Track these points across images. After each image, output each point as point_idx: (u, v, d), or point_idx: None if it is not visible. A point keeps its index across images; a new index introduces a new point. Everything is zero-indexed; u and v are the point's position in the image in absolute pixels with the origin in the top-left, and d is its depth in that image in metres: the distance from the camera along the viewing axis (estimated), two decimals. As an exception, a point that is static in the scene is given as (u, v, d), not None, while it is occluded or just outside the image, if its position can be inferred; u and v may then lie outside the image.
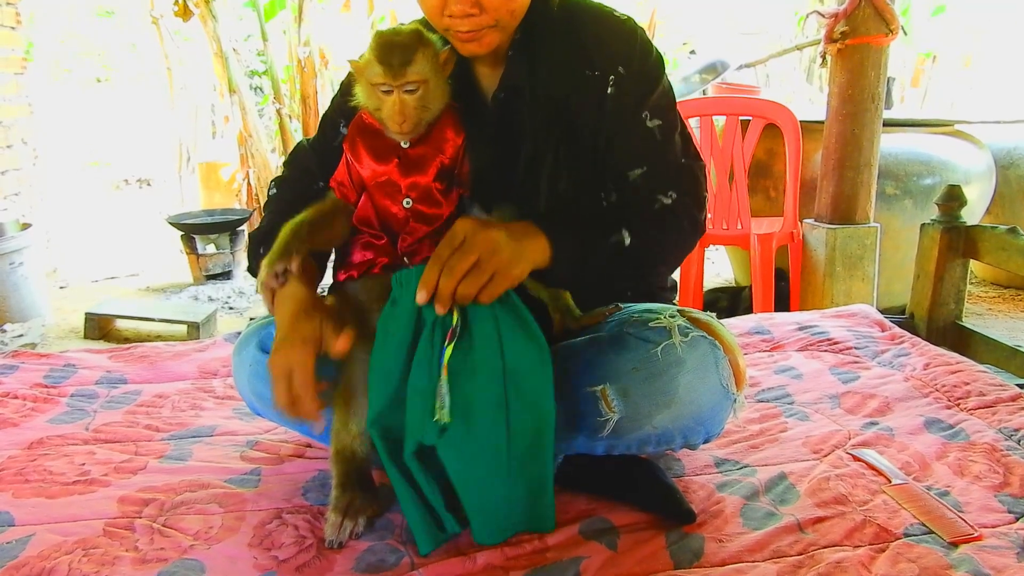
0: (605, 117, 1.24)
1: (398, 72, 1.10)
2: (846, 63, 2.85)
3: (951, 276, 2.13)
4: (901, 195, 3.27)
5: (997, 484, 1.30)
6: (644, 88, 1.25)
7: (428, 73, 1.12)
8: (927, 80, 7.86)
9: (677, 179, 1.26)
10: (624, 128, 1.24)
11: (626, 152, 1.25)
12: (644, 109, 1.24)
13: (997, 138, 3.82)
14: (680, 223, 1.26)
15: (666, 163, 1.26)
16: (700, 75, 4.24)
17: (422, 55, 1.11)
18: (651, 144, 1.25)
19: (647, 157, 1.25)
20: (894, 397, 1.63)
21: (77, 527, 1.20)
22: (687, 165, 1.28)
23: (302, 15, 5.30)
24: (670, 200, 1.23)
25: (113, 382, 1.77)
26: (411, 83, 1.11)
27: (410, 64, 1.10)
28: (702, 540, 1.17)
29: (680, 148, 1.28)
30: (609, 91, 1.24)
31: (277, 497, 1.30)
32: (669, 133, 1.26)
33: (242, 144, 5.19)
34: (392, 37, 1.12)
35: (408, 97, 1.11)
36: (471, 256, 1.05)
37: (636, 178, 1.24)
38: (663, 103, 1.27)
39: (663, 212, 1.23)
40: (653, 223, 1.23)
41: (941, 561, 1.11)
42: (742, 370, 1.24)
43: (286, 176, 1.38)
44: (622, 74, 1.23)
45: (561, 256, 1.14)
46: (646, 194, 1.24)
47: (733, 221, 3.13)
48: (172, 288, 4.24)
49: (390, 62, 1.10)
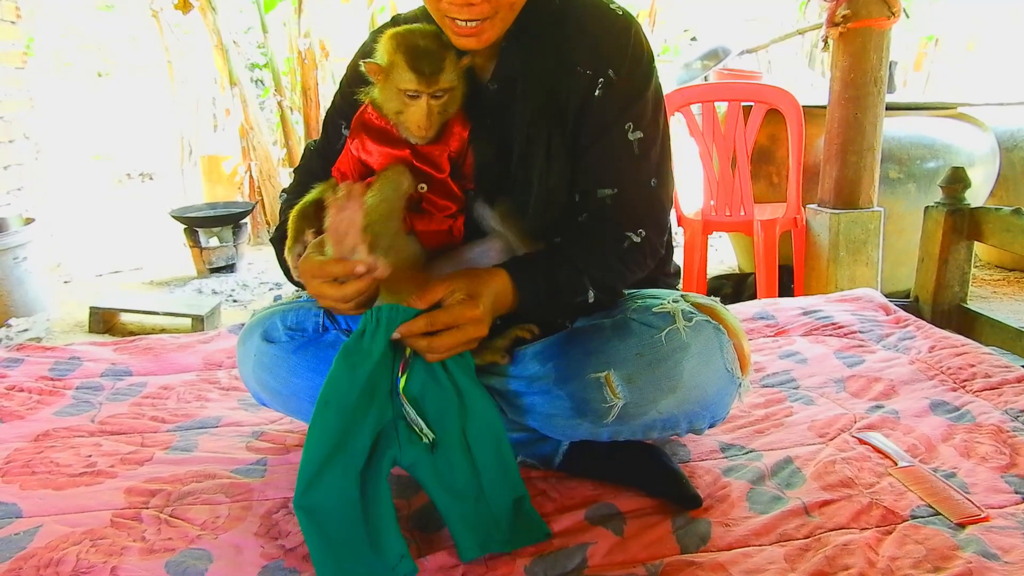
0: (588, 119, 1.22)
1: (431, 80, 1.10)
2: (848, 47, 2.84)
3: (955, 259, 2.13)
4: (904, 179, 3.26)
5: (1003, 465, 1.30)
6: (631, 96, 1.22)
7: (455, 80, 1.13)
8: (930, 64, 7.82)
9: (646, 212, 1.25)
10: (603, 137, 1.22)
11: (601, 164, 1.23)
12: (628, 119, 1.22)
13: (1001, 120, 3.80)
14: (644, 260, 1.26)
15: (637, 189, 1.24)
16: (702, 61, 4.21)
17: (450, 62, 1.12)
18: (627, 161, 1.23)
19: (620, 178, 1.23)
20: (899, 380, 1.63)
21: (84, 518, 1.20)
22: (656, 195, 1.26)
23: (302, 7, 5.29)
24: (639, 239, 1.22)
25: (118, 374, 1.78)
26: (441, 90, 1.11)
27: (442, 72, 1.11)
28: (709, 524, 1.18)
29: (655, 166, 1.25)
30: (596, 93, 1.21)
31: (283, 487, 1.30)
32: (647, 148, 1.24)
33: (244, 137, 5.19)
34: (419, 41, 1.12)
35: (435, 103, 1.12)
36: (460, 337, 1.08)
37: (605, 198, 1.22)
38: (648, 112, 1.24)
39: (631, 250, 1.23)
40: (619, 263, 1.23)
41: (948, 542, 1.11)
42: (747, 354, 1.24)
43: (294, 183, 1.37)
44: (611, 78, 1.20)
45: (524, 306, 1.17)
46: (615, 228, 1.23)
47: (736, 208, 3.11)
48: (176, 282, 4.25)
49: (422, 69, 1.10)
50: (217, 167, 5.66)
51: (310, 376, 1.33)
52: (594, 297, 1.21)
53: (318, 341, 1.36)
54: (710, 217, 3.17)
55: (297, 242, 1.16)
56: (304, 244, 1.14)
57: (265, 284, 4.15)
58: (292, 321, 1.39)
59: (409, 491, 1.27)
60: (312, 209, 1.17)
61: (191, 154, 6.41)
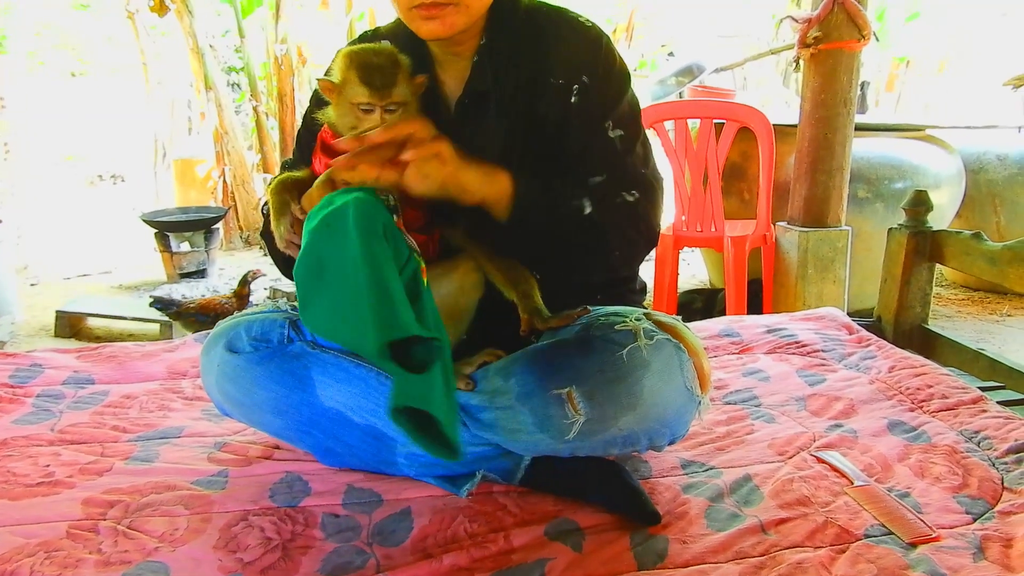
0: (569, 126, 1.25)
1: (383, 93, 1.12)
2: (819, 68, 2.89)
3: (917, 280, 2.16)
4: (873, 199, 3.32)
5: (956, 485, 1.32)
6: (609, 98, 1.26)
7: (408, 95, 1.15)
8: (901, 84, 7.96)
9: (637, 184, 1.27)
10: (587, 138, 1.25)
11: (587, 161, 1.26)
12: (608, 119, 1.25)
13: (967, 143, 3.88)
14: (638, 221, 1.27)
15: (625, 170, 1.27)
16: (676, 77, 4.26)
17: (403, 77, 1.14)
18: (612, 154, 1.26)
19: (607, 166, 1.26)
20: (859, 399, 1.66)
21: (40, 529, 1.19)
22: (646, 175, 1.29)
23: (280, 12, 5.29)
24: (632, 198, 1.25)
25: (80, 382, 1.76)
26: (394, 103, 1.13)
27: (394, 85, 1.12)
28: (666, 541, 1.18)
29: (641, 158, 1.29)
30: (573, 100, 1.24)
31: (244, 499, 1.29)
32: (630, 144, 1.27)
33: (218, 141, 5.17)
34: (372, 58, 1.14)
35: (388, 117, 1.13)
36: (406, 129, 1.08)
37: (596, 183, 1.25)
38: (627, 113, 1.28)
39: (624, 206, 1.25)
40: (613, 210, 1.24)
41: (899, 562, 1.12)
42: (706, 373, 1.26)
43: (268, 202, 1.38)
44: (586, 84, 1.24)
45: (522, 198, 1.16)
46: (608, 193, 1.25)
47: (707, 223, 3.15)
48: (145, 286, 4.21)
49: (374, 83, 1.12)
50: (190, 171, 5.62)
51: (274, 387, 1.33)
52: (591, 210, 1.20)
53: (283, 352, 1.36)
54: (681, 232, 3.20)
55: (283, 215, 1.17)
56: (289, 214, 1.17)
57: (234, 291, 4.12)
58: (257, 332, 1.38)
59: (369, 506, 1.27)
60: (292, 181, 1.19)
61: (164, 157, 6.36)
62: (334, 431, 1.32)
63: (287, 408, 1.32)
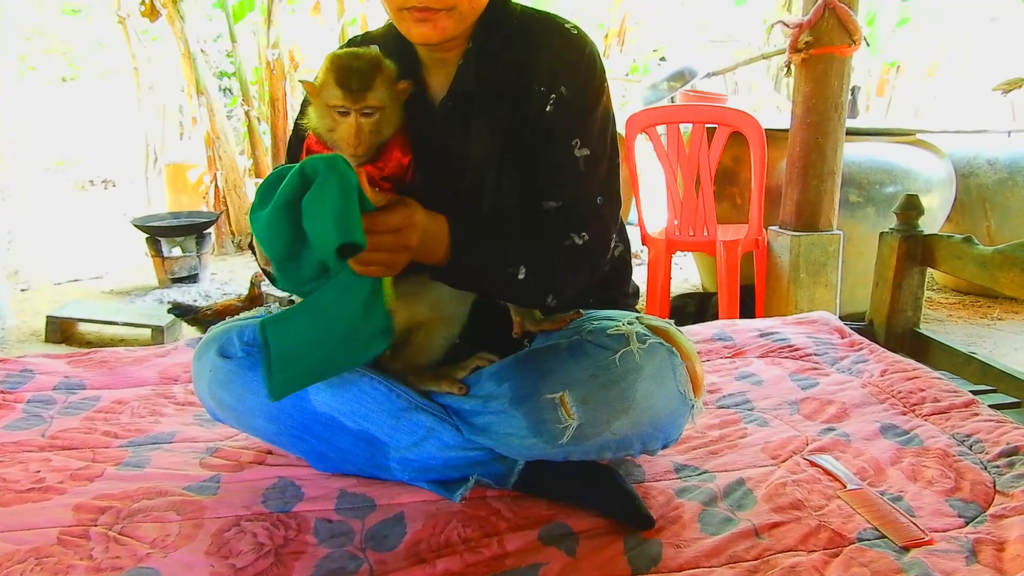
0: (539, 134, 1.23)
1: (357, 96, 1.11)
2: (810, 73, 2.90)
3: (909, 284, 2.17)
4: (864, 203, 3.33)
5: (948, 489, 1.33)
6: (581, 112, 1.24)
7: (386, 99, 1.13)
8: (892, 89, 8.00)
9: (590, 221, 1.24)
10: (550, 151, 1.23)
11: (546, 179, 1.24)
12: (576, 136, 1.23)
13: (958, 147, 3.90)
14: (582, 264, 1.25)
15: (580, 201, 1.25)
16: (668, 82, 4.27)
17: (381, 81, 1.13)
18: (572, 177, 1.24)
19: (565, 193, 1.24)
20: (851, 403, 1.66)
21: (30, 535, 1.18)
22: (599, 210, 1.27)
23: (271, 17, 5.28)
24: (581, 241, 1.22)
25: (71, 388, 1.75)
26: (369, 107, 1.12)
27: (370, 89, 1.11)
28: (660, 545, 1.19)
29: (600, 183, 1.27)
30: (548, 109, 1.23)
31: (236, 504, 1.29)
32: (594, 165, 1.25)
33: (210, 146, 5.16)
34: (351, 61, 1.13)
35: (364, 121, 1.12)
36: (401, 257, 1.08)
37: (550, 210, 1.23)
38: (596, 130, 1.26)
39: (572, 249, 1.22)
40: (557, 258, 1.22)
41: (892, 565, 1.13)
42: (699, 376, 1.26)
43: None
44: (563, 95, 1.22)
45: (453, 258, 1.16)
46: (558, 229, 1.23)
47: (699, 228, 3.16)
48: (137, 291, 4.19)
49: (350, 86, 1.11)
50: (182, 176, 5.61)
51: (266, 393, 1.32)
52: (525, 275, 1.19)
53: (275, 357, 1.36)
54: (674, 236, 3.21)
55: None
56: None
57: (228, 296, 4.11)
58: (249, 337, 1.37)
59: (362, 511, 1.27)
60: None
61: (156, 162, 6.34)
62: (327, 436, 1.31)
63: (279, 413, 1.32)
